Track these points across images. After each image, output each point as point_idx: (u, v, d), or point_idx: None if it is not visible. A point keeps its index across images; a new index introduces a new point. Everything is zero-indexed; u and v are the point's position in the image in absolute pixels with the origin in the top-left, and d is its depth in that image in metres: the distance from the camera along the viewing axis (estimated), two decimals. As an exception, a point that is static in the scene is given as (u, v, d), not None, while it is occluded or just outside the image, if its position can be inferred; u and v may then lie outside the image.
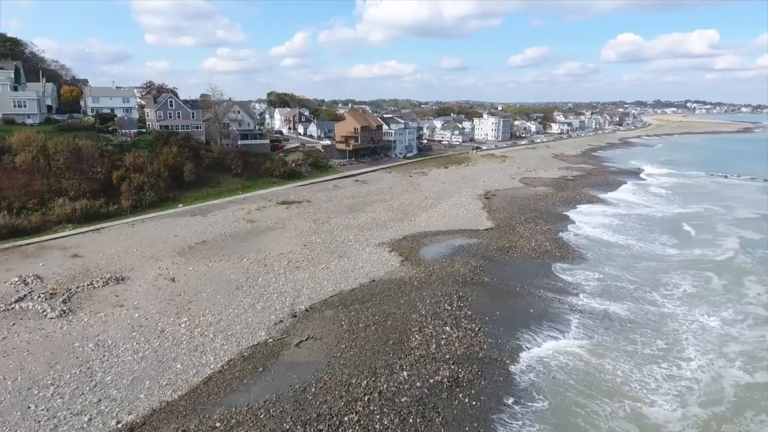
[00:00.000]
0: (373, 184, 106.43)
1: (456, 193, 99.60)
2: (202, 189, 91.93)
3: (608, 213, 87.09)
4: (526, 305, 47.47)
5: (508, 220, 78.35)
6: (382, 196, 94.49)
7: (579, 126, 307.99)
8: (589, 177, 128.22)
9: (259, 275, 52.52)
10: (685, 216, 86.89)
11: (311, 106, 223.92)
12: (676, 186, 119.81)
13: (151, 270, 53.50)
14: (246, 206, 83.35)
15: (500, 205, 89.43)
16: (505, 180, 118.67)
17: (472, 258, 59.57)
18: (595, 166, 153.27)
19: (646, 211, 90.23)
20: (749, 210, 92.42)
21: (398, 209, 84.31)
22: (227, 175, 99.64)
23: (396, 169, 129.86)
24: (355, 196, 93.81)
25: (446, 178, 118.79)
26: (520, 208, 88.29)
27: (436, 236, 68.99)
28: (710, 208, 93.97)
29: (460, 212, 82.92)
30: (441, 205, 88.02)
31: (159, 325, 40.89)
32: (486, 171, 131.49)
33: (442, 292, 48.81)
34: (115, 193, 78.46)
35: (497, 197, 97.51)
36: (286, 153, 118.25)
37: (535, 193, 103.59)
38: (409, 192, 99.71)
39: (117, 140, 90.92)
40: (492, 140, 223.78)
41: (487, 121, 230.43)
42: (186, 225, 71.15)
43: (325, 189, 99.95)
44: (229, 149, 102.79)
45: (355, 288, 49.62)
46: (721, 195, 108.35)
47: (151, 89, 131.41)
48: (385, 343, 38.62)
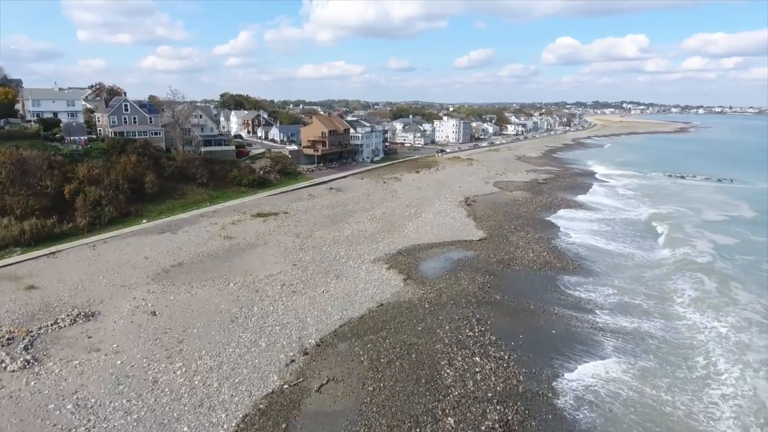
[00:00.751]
0: (349, 192, 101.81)
1: (436, 200, 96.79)
2: (166, 201, 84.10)
3: (591, 218, 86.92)
4: (546, 325, 44.87)
5: (498, 229, 76.19)
6: (361, 205, 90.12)
7: (532, 127, 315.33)
8: (558, 180, 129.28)
9: (252, 303, 47.04)
10: (660, 217, 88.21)
11: (268, 107, 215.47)
12: (641, 187, 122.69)
13: (125, 302, 46.79)
14: (219, 220, 76.65)
15: (484, 213, 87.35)
16: (480, 184, 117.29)
17: (476, 273, 56.57)
18: (559, 168, 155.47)
19: (624, 215, 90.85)
20: (715, 212, 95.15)
21: (383, 219, 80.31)
22: (192, 186, 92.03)
23: (367, 174, 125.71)
24: (333, 206, 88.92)
25: (421, 183, 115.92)
26: (505, 215, 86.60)
27: (431, 249, 65.60)
28: (679, 209, 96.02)
29: (447, 221, 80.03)
30: (425, 214, 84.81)
31: (149, 373, 34.91)
32: (458, 175, 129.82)
33: (458, 315, 45.37)
34: (68, 209, 69.79)
35: (478, 203, 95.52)
36: (252, 160, 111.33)
37: (513, 198, 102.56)
38: (388, 200, 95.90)
39: (66, 149, 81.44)
40: (453, 142, 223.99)
41: (448, 124, 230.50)
42: (155, 244, 63.96)
43: (300, 198, 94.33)
44: (193, 157, 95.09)
45: (364, 314, 45.26)
46: (684, 196, 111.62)
47: (100, 91, 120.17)
48: (416, 382, 34.63)
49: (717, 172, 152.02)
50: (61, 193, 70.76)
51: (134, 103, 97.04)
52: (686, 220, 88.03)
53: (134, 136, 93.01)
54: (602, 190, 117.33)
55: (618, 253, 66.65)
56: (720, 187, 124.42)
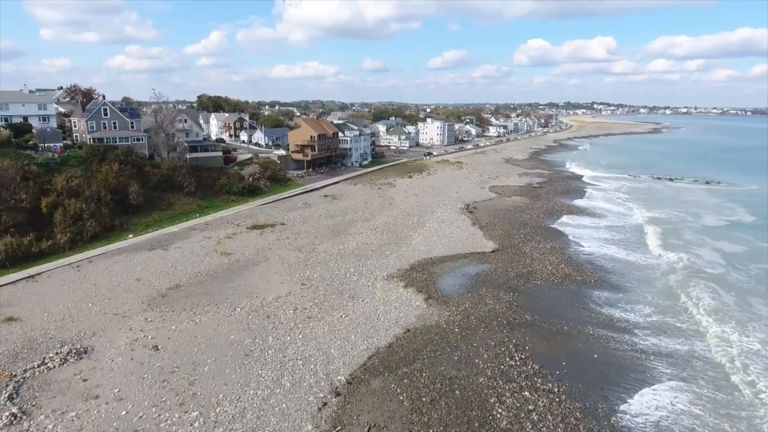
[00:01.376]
0: (345, 200, 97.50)
1: (436, 207, 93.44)
2: (153, 213, 78.27)
3: (599, 225, 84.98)
4: (585, 349, 41.89)
5: (507, 239, 73.28)
6: (360, 214, 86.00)
7: (513, 128, 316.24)
8: (552, 184, 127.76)
9: (266, 332, 42.55)
10: (656, 221, 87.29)
11: (248, 109, 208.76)
12: (634, 191, 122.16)
13: (121, 333, 41.68)
14: (212, 233, 71.41)
15: (489, 221, 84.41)
16: (476, 190, 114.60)
17: (499, 290, 53.31)
18: (549, 171, 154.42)
19: (624, 221, 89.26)
20: (714, 217, 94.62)
21: (386, 230, 76.43)
22: (179, 195, 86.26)
23: (359, 180, 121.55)
24: (331, 215, 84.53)
25: (416, 189, 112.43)
26: (510, 222, 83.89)
27: (445, 263, 62.07)
28: (678, 214, 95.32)
29: (454, 231, 76.70)
30: (429, 223, 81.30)
31: (162, 426, 30.22)
32: (452, 180, 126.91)
33: (493, 341, 41.93)
34: (46, 224, 63.66)
35: (480, 210, 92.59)
36: (240, 166, 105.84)
37: (513, 204, 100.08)
38: (386, 208, 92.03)
39: (41, 158, 74.80)
40: (438, 144, 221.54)
41: (432, 126, 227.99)
42: (147, 263, 58.52)
43: (294, 207, 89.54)
44: (179, 164, 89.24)
45: (392, 342, 41.33)
46: (680, 200, 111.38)
47: (75, 93, 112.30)
48: (468, 427, 30.93)
49: (701, 173, 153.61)
50: (38, 207, 64.55)
51: (115, 108, 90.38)
52: (687, 225, 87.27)
53: (115, 142, 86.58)
54: (599, 194, 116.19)
55: (632, 263, 64.50)
56: (711, 190, 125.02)
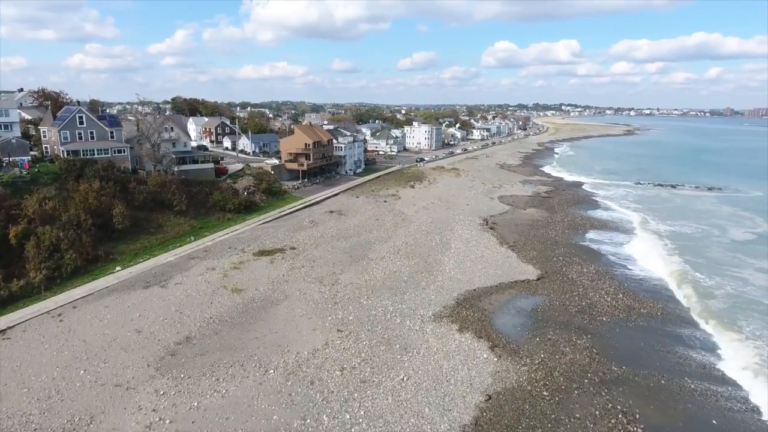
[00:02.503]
0: (353, 216, 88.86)
1: (453, 223, 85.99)
2: (141, 238, 67.91)
3: (628, 241, 79.31)
4: (700, 412, 35.04)
5: (545, 262, 66.46)
6: (375, 234, 77.65)
7: (496, 131, 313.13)
8: (559, 193, 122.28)
9: (317, 408, 33.84)
10: (685, 237, 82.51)
11: (228, 113, 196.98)
12: (643, 200, 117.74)
13: (129, 416, 32.32)
14: (215, 262, 61.76)
15: (515, 239, 77.50)
16: (486, 200, 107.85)
17: (568, 332, 46.12)
18: (549, 178, 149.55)
19: (651, 236, 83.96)
20: (737, 229, 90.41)
21: (409, 253, 68.44)
22: (168, 215, 75.96)
23: (359, 191, 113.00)
24: (344, 236, 75.86)
25: (423, 201, 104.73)
26: (538, 240, 77.23)
27: (492, 296, 54.53)
28: (700, 227, 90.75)
29: (485, 253, 69.33)
30: (453, 243, 73.73)
31: None
32: (456, 189, 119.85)
33: (595, 408, 34.50)
34: (16, 259, 52.96)
35: (501, 226, 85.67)
36: (233, 178, 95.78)
37: (531, 217, 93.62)
38: (400, 224, 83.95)
39: (7, 176, 63.55)
40: (426, 149, 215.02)
41: (420, 130, 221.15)
42: (144, 306, 48.70)
43: (300, 226, 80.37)
44: (168, 179, 78.83)
45: (478, 417, 33.27)
46: (694, 210, 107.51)
47: (42, 98, 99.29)
48: None
49: (697, 179, 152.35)
50: (5, 237, 53.76)
51: (92, 115, 78.99)
52: (715, 241, 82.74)
53: (93, 155, 75.50)
54: (610, 204, 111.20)
55: (684, 288, 58.51)
56: (718, 198, 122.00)
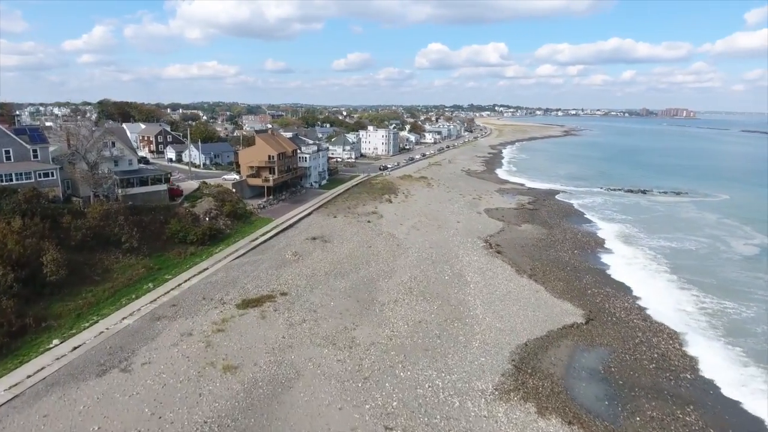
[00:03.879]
0: (339, 243, 76.60)
1: (454, 247, 76.26)
2: (83, 290, 52.31)
3: (647, 266, 73.37)
4: None
5: (580, 295, 58.50)
6: (375, 266, 66.15)
7: (446, 134, 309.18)
8: (542, 204, 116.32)
9: None
10: (691, 254, 78.23)
11: (166, 117, 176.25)
12: (625, 209, 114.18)
13: None
14: (190, 323, 47.69)
15: (530, 265, 69.09)
16: (474, 216, 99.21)
17: (670, 405, 37.66)
18: (522, 187, 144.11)
19: (659, 254, 78.93)
20: (737, 241, 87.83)
21: (424, 291, 57.78)
22: (116, 254, 60.42)
23: (332, 208, 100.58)
24: (339, 271, 63.73)
25: (408, 219, 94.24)
26: (555, 265, 69.43)
27: (548, 351, 45.15)
28: (699, 240, 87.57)
29: (510, 288, 59.99)
30: (468, 274, 63.88)
31: None
32: (435, 203, 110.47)
33: None
34: None
35: (505, 248, 77.07)
36: (191, 202, 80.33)
37: (531, 236, 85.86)
38: (397, 252, 72.95)
39: None
40: (384, 155, 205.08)
41: (376, 135, 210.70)
42: (103, 410, 34.39)
43: (283, 261, 67.12)
44: (113, 208, 62.91)
45: None
46: (680, 219, 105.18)
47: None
48: None
49: (659, 183, 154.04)
50: None
51: (5, 128, 61.20)
52: (719, 254, 79.40)
53: (11, 180, 58.33)
54: (599, 215, 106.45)
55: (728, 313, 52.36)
56: (694, 204, 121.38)
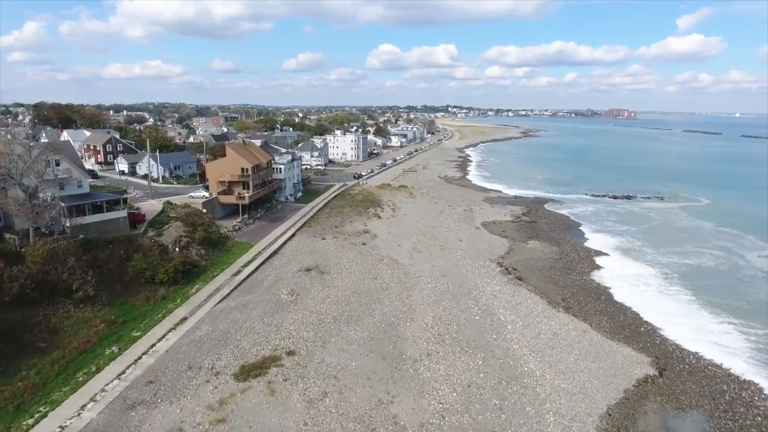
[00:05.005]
0: (339, 275, 65.63)
1: (468, 274, 67.35)
2: (22, 364, 39.24)
3: (678, 291, 67.23)
4: None
5: (634, 334, 51.37)
6: (389, 305, 55.93)
7: (412, 137, 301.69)
8: (536, 215, 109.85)
9: None
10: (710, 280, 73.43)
11: (111, 122, 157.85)
12: (624, 218, 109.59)
13: None
14: (176, 410, 35.83)
15: (560, 294, 61.33)
16: (473, 232, 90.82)
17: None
18: (508, 196, 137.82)
19: (707, 283, 73.43)
20: (750, 252, 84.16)
21: (458, 339, 48.33)
22: (66, 306, 47.26)
23: (318, 227, 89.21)
24: (351, 315, 53.04)
25: (405, 238, 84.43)
26: (586, 294, 62.37)
27: (637, 422, 36.94)
28: (715, 254, 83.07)
29: (555, 329, 51.54)
30: (500, 312, 54.94)
31: None
32: (427, 217, 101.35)
33: None
34: None
35: (523, 272, 69.04)
36: (156, 228, 66.96)
37: (543, 255, 78.32)
38: (407, 283, 63.02)
39: None
40: (353, 160, 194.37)
41: (345, 139, 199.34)
42: None
43: (278, 303, 55.52)
44: (60, 245, 49.43)
45: None
46: (679, 228, 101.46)
47: None
48: None
49: (637, 186, 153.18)
50: None
51: None
52: (741, 272, 75.21)
53: None
54: (598, 227, 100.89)
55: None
56: (685, 210, 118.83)
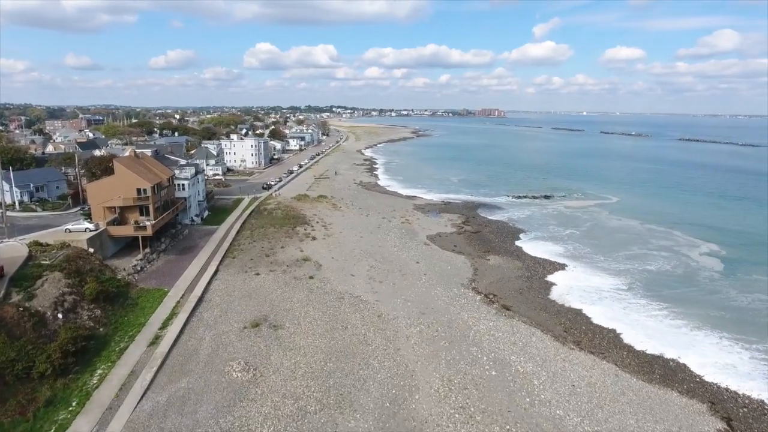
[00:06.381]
0: (296, 327, 50.73)
1: (451, 308, 56.78)
2: None
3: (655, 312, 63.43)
4: None
5: (671, 375, 44.21)
6: (382, 373, 42.99)
7: (310, 140, 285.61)
8: (475, 222, 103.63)
9: None
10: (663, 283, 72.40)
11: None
12: (554, 221, 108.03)
13: None
14: None
15: (557, 323, 53.63)
16: (426, 250, 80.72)
17: None
18: (433, 202, 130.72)
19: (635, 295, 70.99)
20: (695, 252, 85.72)
21: (491, 413, 37.44)
22: None
23: (246, 258, 72.33)
24: (338, 395, 39.12)
25: (355, 265, 71.36)
26: (581, 320, 54.97)
27: None
28: (662, 255, 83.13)
29: (586, 377, 42.88)
30: (515, 361, 45.03)
31: None
32: (366, 234, 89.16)
33: None
34: None
35: (504, 299, 60.54)
36: (24, 289, 45.97)
37: (510, 272, 71.01)
38: (388, 333, 50.50)
39: None
40: (254, 167, 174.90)
41: (244, 144, 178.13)
42: None
43: (231, 390, 39.40)
44: None
45: None
46: (612, 229, 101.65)
47: None
48: None
49: (551, 184, 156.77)
50: None
51: None
52: (698, 275, 75.07)
53: None
54: (544, 234, 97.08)
55: None
56: (602, 208, 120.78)
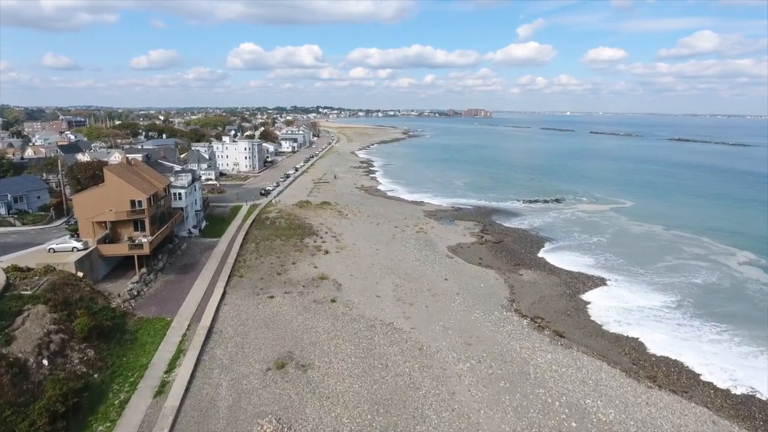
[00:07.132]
0: (328, 367, 43.20)
1: (498, 336, 49.92)
2: None
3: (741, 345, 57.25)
4: None
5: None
6: (442, 427, 35.76)
7: (302, 141, 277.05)
8: (496, 232, 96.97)
9: None
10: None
11: None
12: (577, 227, 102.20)
13: None
14: None
15: (622, 354, 46.92)
16: (452, 264, 73.64)
17: None
18: (442, 207, 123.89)
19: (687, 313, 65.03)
20: (733, 261, 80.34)
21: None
22: None
23: (255, 276, 64.49)
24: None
25: (379, 284, 64.04)
26: (643, 351, 48.23)
27: None
28: (700, 266, 77.47)
29: (686, 429, 36.17)
30: (595, 409, 38.16)
31: None
32: (382, 245, 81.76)
33: None
34: None
35: (553, 323, 53.66)
36: (0, 330, 37.86)
37: (550, 290, 64.49)
38: (437, 372, 43.32)
39: None
40: (248, 171, 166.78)
41: (237, 147, 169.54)
42: None
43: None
44: None
45: None
46: (639, 237, 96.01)
47: None
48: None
49: (557, 186, 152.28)
50: None
51: None
52: (744, 287, 69.66)
53: None
54: (569, 243, 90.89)
55: None
56: (621, 213, 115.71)
